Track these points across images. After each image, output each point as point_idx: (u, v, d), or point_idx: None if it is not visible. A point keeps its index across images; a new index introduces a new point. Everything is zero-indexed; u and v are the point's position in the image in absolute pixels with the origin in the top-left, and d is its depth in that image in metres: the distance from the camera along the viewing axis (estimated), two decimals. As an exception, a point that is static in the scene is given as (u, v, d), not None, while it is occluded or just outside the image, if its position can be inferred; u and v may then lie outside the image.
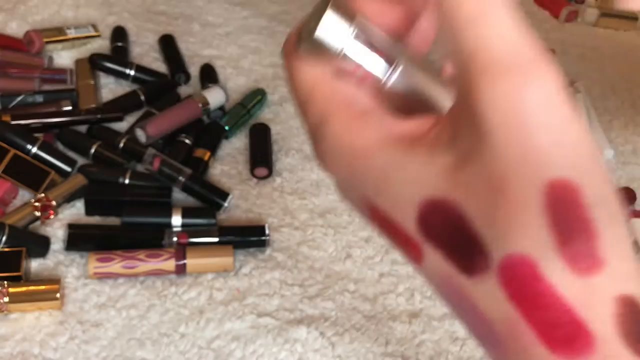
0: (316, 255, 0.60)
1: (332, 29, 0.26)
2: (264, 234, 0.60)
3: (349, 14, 0.26)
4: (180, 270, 0.57)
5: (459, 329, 0.56)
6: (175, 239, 0.59)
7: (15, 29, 0.78)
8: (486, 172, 0.22)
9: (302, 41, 0.27)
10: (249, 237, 0.60)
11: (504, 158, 0.21)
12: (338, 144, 0.26)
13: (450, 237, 0.23)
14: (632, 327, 0.22)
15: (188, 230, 0.60)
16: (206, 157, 0.66)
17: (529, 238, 0.22)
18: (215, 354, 0.53)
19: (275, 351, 0.53)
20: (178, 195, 0.64)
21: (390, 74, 0.27)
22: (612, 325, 0.22)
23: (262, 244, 0.60)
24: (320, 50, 0.27)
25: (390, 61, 0.27)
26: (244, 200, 0.64)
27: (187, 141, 0.67)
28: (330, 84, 0.27)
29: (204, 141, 0.68)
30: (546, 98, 0.21)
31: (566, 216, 0.22)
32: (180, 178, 0.62)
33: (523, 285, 0.22)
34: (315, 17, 0.27)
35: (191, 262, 0.57)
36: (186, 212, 0.61)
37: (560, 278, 0.22)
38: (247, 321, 0.55)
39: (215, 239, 0.59)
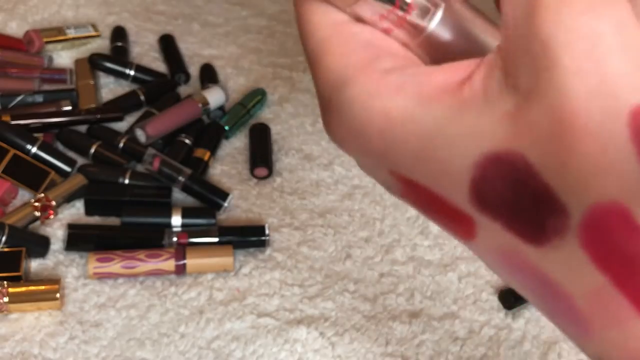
0: (316, 255, 0.60)
1: None
2: (263, 234, 0.60)
3: None
4: (180, 270, 0.57)
5: (459, 329, 0.56)
6: (175, 239, 0.59)
7: (15, 28, 0.78)
8: (555, 108, 0.18)
9: None
10: (248, 237, 0.60)
11: (575, 88, 0.18)
12: (365, 110, 0.21)
13: (514, 200, 0.19)
14: None
15: (188, 230, 0.60)
16: (206, 157, 0.66)
17: (616, 180, 0.18)
18: (215, 354, 0.53)
19: (275, 351, 0.53)
20: (178, 195, 0.64)
21: (431, 17, 0.22)
22: None
23: (262, 244, 0.60)
24: None
25: (429, 1, 0.22)
26: (243, 200, 0.64)
27: (186, 141, 0.67)
28: (352, 33, 0.22)
29: (204, 141, 0.68)
30: (620, 20, 0.18)
31: None
32: (180, 178, 0.62)
33: (615, 241, 0.18)
34: None
35: (191, 262, 0.57)
36: (186, 212, 0.61)
37: None
38: (247, 321, 0.55)
39: (215, 239, 0.59)
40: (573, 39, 0.18)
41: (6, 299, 0.53)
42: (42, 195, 0.60)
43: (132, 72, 0.73)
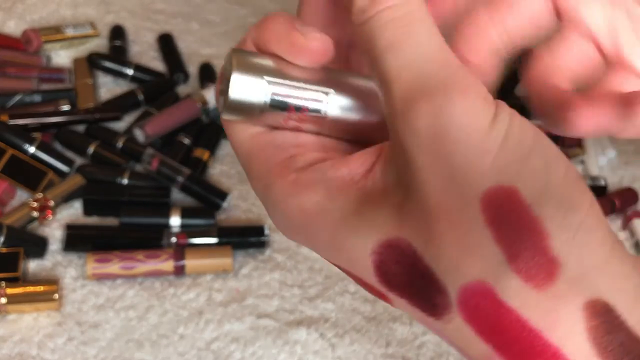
0: (316, 256, 0.60)
1: (245, 91, 0.23)
2: (263, 234, 0.59)
3: (258, 66, 0.23)
4: (179, 271, 0.57)
5: (460, 330, 0.55)
6: (174, 239, 0.59)
7: (13, 27, 0.78)
8: (423, 201, 0.20)
9: (221, 110, 0.24)
10: (248, 237, 0.59)
11: (432, 183, 0.20)
12: (286, 209, 0.23)
13: (409, 281, 0.21)
14: (608, 340, 0.20)
15: (187, 230, 0.60)
16: (205, 157, 0.66)
17: (479, 260, 0.20)
18: (214, 356, 0.53)
19: (274, 352, 0.53)
20: (177, 195, 0.63)
21: (327, 105, 0.24)
22: (587, 345, 0.20)
23: (261, 245, 0.59)
24: (243, 112, 0.24)
25: (320, 92, 0.24)
26: (243, 201, 0.64)
27: (185, 141, 0.67)
28: (267, 143, 0.24)
29: (203, 141, 0.67)
30: (462, 113, 0.20)
31: (510, 223, 0.20)
32: (179, 178, 0.62)
33: (486, 317, 0.20)
34: (225, 81, 0.24)
35: (190, 262, 0.57)
36: (185, 213, 0.61)
37: (521, 298, 0.20)
38: (247, 322, 0.55)
39: (215, 240, 0.59)
40: (422, 139, 0.20)
41: (4, 300, 0.53)
42: (41, 195, 0.60)
43: (130, 72, 0.73)
